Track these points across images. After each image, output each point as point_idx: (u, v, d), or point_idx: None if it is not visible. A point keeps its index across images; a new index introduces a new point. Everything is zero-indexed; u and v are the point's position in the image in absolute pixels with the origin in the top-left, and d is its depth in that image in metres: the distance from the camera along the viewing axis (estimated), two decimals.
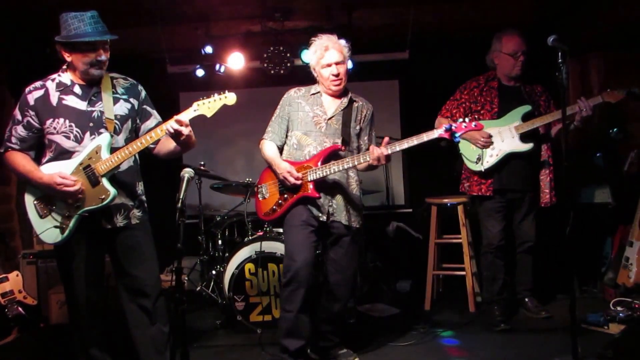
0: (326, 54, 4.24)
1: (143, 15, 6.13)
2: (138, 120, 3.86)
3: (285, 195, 4.28)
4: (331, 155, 4.23)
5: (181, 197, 3.30)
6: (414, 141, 3.97)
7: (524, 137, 5.01)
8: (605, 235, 6.09)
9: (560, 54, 3.70)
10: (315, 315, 4.43)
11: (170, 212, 3.36)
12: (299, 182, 4.15)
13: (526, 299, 5.38)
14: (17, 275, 5.69)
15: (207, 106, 3.53)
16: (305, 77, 4.48)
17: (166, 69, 7.12)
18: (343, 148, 4.28)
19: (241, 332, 5.18)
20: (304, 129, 4.30)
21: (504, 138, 5.04)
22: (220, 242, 6.31)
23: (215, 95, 3.56)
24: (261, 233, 5.68)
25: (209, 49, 6.87)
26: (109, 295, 4.41)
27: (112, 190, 3.57)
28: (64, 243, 3.65)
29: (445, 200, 5.84)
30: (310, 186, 4.17)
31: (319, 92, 4.39)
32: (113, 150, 3.61)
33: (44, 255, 6.26)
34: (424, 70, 7.67)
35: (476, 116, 5.17)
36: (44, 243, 6.12)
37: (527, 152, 5.03)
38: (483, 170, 5.10)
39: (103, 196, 3.56)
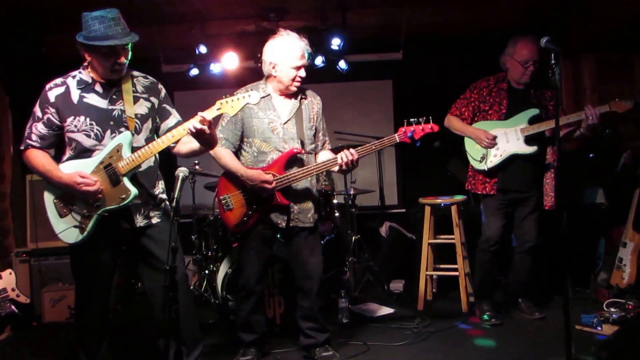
0: (301, 57, 4.25)
1: (137, 15, 6.11)
2: (158, 119, 3.82)
3: (254, 206, 4.27)
4: (291, 160, 4.26)
5: (176, 196, 3.29)
6: (377, 145, 4.25)
7: (529, 140, 5.02)
8: (598, 236, 6.10)
9: (553, 55, 3.69)
10: (296, 314, 4.56)
11: None
12: (272, 187, 4.17)
13: (520, 300, 5.36)
14: (10, 274, 5.69)
15: (230, 105, 3.51)
16: None
17: (160, 68, 7.12)
18: (302, 151, 4.30)
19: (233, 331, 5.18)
20: (262, 136, 4.27)
21: (509, 139, 5.06)
22: (213, 241, 6.29)
23: (239, 94, 3.55)
24: None
25: (203, 49, 6.87)
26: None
27: (133, 190, 3.52)
28: (82, 243, 3.61)
29: (439, 201, 5.84)
30: (278, 195, 4.21)
31: (269, 94, 4.35)
32: (133, 150, 3.57)
33: (37, 253, 6.26)
34: (417, 71, 7.69)
35: (484, 116, 5.24)
36: (38, 241, 6.26)
37: (531, 155, 5.04)
38: (486, 169, 5.12)
39: (123, 195, 3.52)
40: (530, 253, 5.28)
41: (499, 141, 5.08)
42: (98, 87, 3.65)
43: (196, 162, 6.14)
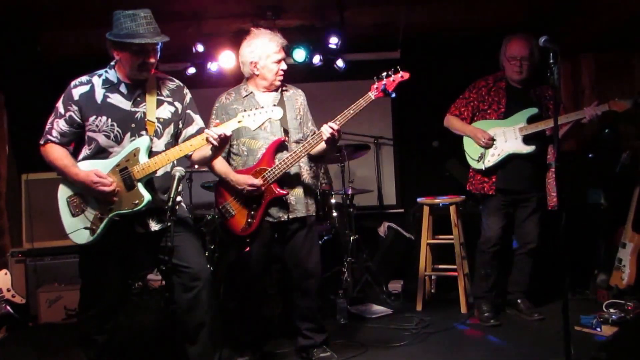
0: (280, 50, 4.28)
1: None
2: (180, 125, 3.78)
3: (254, 205, 4.24)
4: (279, 150, 4.26)
5: (172, 195, 3.27)
6: (354, 109, 4.28)
7: (527, 139, 5.00)
8: (597, 237, 6.07)
9: (551, 54, 3.66)
10: (293, 314, 4.55)
11: None
12: (263, 188, 4.16)
13: (519, 300, 5.35)
14: (6, 274, 5.66)
15: (252, 119, 3.50)
16: (295, 75, 4.47)
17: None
18: (286, 139, 4.30)
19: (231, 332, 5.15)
20: (250, 134, 4.23)
21: (508, 139, 5.04)
22: (210, 241, 6.25)
23: (261, 108, 3.54)
24: None
25: (200, 47, 6.84)
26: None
27: (147, 196, 3.49)
28: (92, 244, 3.58)
29: (437, 200, 5.81)
30: (275, 187, 4.19)
31: (251, 92, 4.35)
32: (152, 154, 3.54)
33: (33, 253, 6.26)
34: (415, 70, 7.61)
35: (483, 115, 5.22)
36: (34, 241, 6.24)
37: (529, 154, 5.02)
38: (484, 169, 5.10)
39: (137, 201, 3.49)
40: (531, 254, 5.29)
41: (497, 140, 5.06)
42: (123, 88, 3.63)
43: None
